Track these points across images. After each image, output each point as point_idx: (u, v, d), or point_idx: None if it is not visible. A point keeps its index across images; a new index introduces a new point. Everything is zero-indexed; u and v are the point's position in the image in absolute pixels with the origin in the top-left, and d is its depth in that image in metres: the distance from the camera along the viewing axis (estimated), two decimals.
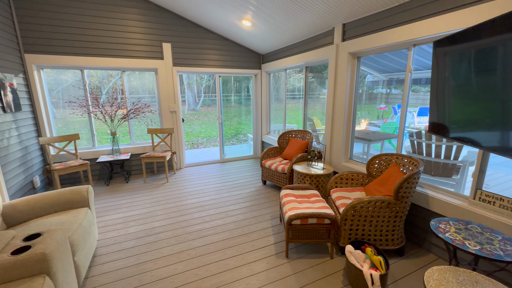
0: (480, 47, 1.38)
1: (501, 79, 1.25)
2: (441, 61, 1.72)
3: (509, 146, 1.23)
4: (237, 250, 2.24)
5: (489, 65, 1.33)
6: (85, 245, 1.91)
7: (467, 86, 1.49)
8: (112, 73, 4.43)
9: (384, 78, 6.27)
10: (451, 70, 1.62)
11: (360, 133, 3.90)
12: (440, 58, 1.73)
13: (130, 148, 4.21)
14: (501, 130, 1.27)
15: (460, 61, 1.54)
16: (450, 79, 1.63)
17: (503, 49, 1.23)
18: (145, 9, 3.90)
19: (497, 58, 1.27)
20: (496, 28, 1.26)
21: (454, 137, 1.64)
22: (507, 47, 1.21)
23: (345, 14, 2.68)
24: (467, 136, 1.52)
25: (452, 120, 1.65)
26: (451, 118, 1.66)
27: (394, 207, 1.97)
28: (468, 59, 1.47)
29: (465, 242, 1.42)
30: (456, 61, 1.57)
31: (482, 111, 1.39)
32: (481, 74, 1.38)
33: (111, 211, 3.00)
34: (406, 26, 2.19)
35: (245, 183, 3.93)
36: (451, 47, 1.61)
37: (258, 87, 5.18)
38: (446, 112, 1.71)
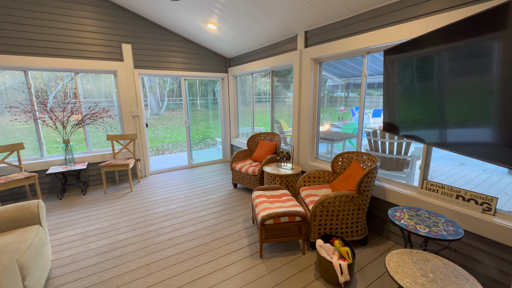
0: (420, 55, 1.59)
1: (437, 84, 1.47)
2: (390, 68, 1.94)
3: (447, 141, 1.44)
4: (211, 256, 2.20)
5: (427, 71, 1.54)
6: (38, 267, 1.69)
7: (412, 90, 1.71)
8: (61, 75, 4.03)
9: (342, 82, 6.78)
10: (398, 75, 1.84)
11: (324, 134, 4.16)
12: (389, 65, 1.95)
13: (87, 157, 3.86)
14: (440, 128, 1.48)
15: (405, 68, 1.75)
16: (398, 84, 1.85)
17: (437, 58, 1.44)
18: (101, 7, 3.64)
19: (434, 65, 1.48)
20: (431, 40, 1.48)
21: (403, 135, 1.86)
22: (441, 56, 1.42)
23: (306, 22, 2.85)
24: (414, 134, 1.74)
25: (401, 120, 1.87)
26: (400, 118, 1.88)
27: (357, 200, 2.14)
28: (411, 66, 1.68)
29: (416, 226, 1.61)
30: (402, 67, 1.79)
31: (424, 112, 1.60)
32: (422, 79, 1.60)
33: (66, 227, 2.71)
34: (360, 35, 2.41)
35: (216, 187, 3.88)
36: (397, 55, 1.83)
37: (225, 91, 5.17)
38: (396, 113, 1.93)
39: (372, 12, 2.30)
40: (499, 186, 3.46)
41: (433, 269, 1.31)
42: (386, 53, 1.97)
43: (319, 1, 2.38)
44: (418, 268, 1.33)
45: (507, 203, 2.90)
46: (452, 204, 1.91)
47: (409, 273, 1.29)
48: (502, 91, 1.09)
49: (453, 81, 1.36)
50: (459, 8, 1.74)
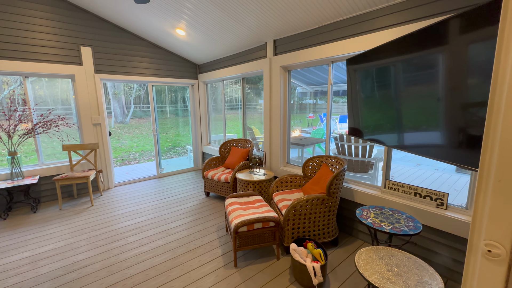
0: (376, 65, 1.73)
1: (394, 91, 1.60)
2: (352, 76, 2.08)
3: (404, 144, 1.57)
4: (182, 270, 2.08)
5: (384, 80, 1.68)
6: None
7: (372, 97, 1.84)
8: (8, 80, 3.61)
9: (310, 90, 7.08)
10: (360, 83, 1.97)
11: (295, 139, 4.28)
12: (351, 73, 2.08)
13: (38, 170, 3.45)
14: (398, 132, 1.61)
15: (365, 76, 1.89)
16: (360, 91, 1.99)
17: (392, 67, 1.58)
18: (57, 7, 3.36)
19: (389, 74, 1.62)
20: (385, 51, 1.62)
21: (367, 139, 1.99)
22: (395, 67, 1.56)
23: (275, 31, 2.94)
24: (376, 138, 1.87)
25: (364, 125, 2.00)
26: (363, 123, 2.01)
27: (328, 202, 2.21)
28: (370, 75, 1.82)
29: (381, 224, 1.71)
30: (363, 76, 1.93)
31: (383, 117, 1.73)
32: (381, 87, 1.73)
33: (11, 251, 2.37)
34: (326, 45, 2.55)
35: (187, 197, 3.73)
36: (357, 65, 1.97)
37: (195, 97, 5.07)
38: (359, 118, 2.06)
39: (336, 24, 2.45)
40: (449, 183, 3.85)
41: (397, 263, 1.39)
42: (348, 62, 2.10)
43: (286, 12, 2.48)
44: (384, 263, 1.40)
45: (456, 198, 3.24)
46: (411, 201, 2.07)
47: (376, 269, 1.35)
48: (447, 98, 1.23)
49: (407, 89, 1.49)
50: (411, 23, 1.94)
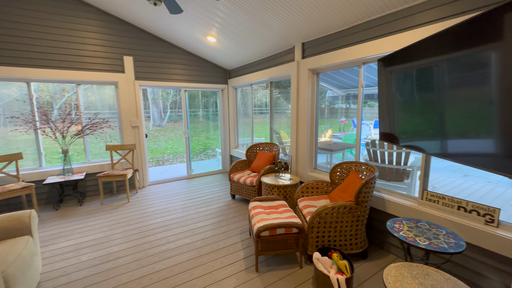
0: (418, 65, 1.59)
1: (437, 94, 1.44)
2: (385, 77, 1.94)
3: (448, 152, 1.40)
4: (205, 269, 2.13)
5: (426, 81, 1.52)
6: (25, 280, 1.64)
7: (411, 100, 1.67)
8: (67, 87, 4.10)
9: (342, 93, 6.82)
10: (397, 85, 1.82)
11: (323, 144, 4.13)
12: (384, 74, 1.95)
13: (85, 167, 3.85)
14: (441, 139, 1.44)
15: (404, 78, 1.73)
16: (396, 94, 1.83)
17: (436, 68, 1.43)
18: (104, 21, 3.76)
19: (432, 75, 1.47)
20: (429, 47, 1.48)
21: (404, 145, 1.81)
22: (440, 66, 1.40)
23: (303, 34, 2.90)
24: (414, 144, 1.69)
25: (401, 130, 1.82)
26: (400, 129, 1.84)
27: (356, 211, 2.09)
28: (410, 76, 1.67)
29: (416, 238, 1.55)
30: (400, 77, 1.78)
31: (424, 122, 1.56)
32: (422, 90, 1.56)
33: (60, 239, 2.66)
34: (356, 46, 2.44)
35: (214, 198, 3.82)
36: (392, 64, 1.83)
37: (225, 102, 5.22)
38: (395, 123, 1.89)
39: (367, 23, 2.34)
40: (504, 197, 3.36)
41: (433, 284, 1.25)
42: (381, 62, 1.98)
43: (315, 14, 2.43)
44: (417, 283, 1.26)
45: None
46: (454, 216, 1.85)
47: None
48: (503, 101, 1.07)
49: (452, 91, 1.34)
50: (455, 17, 1.76)
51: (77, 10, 3.55)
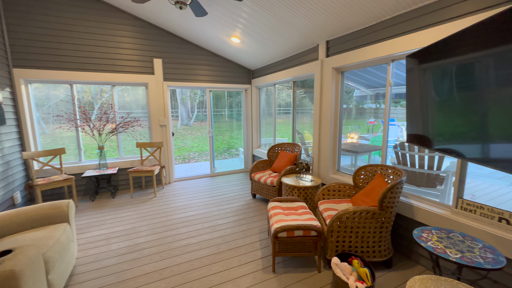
0: (458, 61, 1.46)
1: (479, 93, 1.29)
2: (420, 75, 1.80)
3: (490, 157, 1.25)
4: (223, 266, 2.17)
5: (468, 78, 1.36)
6: (62, 263, 1.82)
7: (449, 100, 1.51)
8: (105, 89, 4.45)
9: (370, 92, 6.49)
10: (432, 83, 1.66)
11: (348, 146, 3.97)
12: (419, 72, 1.81)
13: (118, 163, 4.15)
14: (483, 143, 1.29)
15: (441, 74, 1.56)
16: (431, 92, 1.66)
17: (480, 63, 1.29)
18: (137, 26, 4.01)
19: (475, 71, 1.33)
20: (472, 39, 1.34)
21: (439, 149, 1.65)
22: (484, 61, 1.25)
23: (328, 32, 2.81)
24: (452, 148, 1.52)
25: (437, 132, 1.65)
26: (435, 130, 1.67)
27: (380, 217, 1.97)
28: (449, 72, 1.51)
29: (446, 250, 1.42)
30: (436, 74, 1.62)
31: (465, 124, 1.40)
32: (462, 88, 1.40)
33: (94, 228, 2.90)
34: (384, 42, 2.31)
35: (235, 196, 3.88)
36: (428, 62, 1.70)
37: (248, 102, 5.26)
38: (429, 124, 1.72)
39: (396, 18, 2.20)
40: None
41: None
42: (410, 58, 1.84)
43: (341, 11, 2.35)
44: None
45: None
46: (493, 228, 1.66)
47: None
48: None
49: (500, 90, 1.18)
50: (496, 8, 1.58)
51: (114, 17, 3.83)
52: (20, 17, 3.34)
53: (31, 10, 3.38)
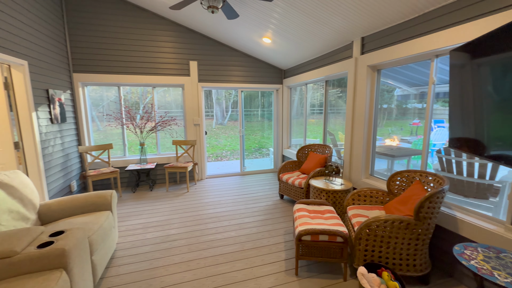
0: None
1: None
2: (473, 71, 1.60)
3: None
4: (246, 264, 2.21)
5: None
6: (104, 246, 2.04)
7: None
8: (149, 90, 4.85)
9: (414, 91, 5.93)
10: (491, 81, 1.41)
11: (384, 149, 3.68)
12: (472, 67, 1.61)
13: (156, 158, 4.49)
14: None
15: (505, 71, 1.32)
16: (490, 92, 1.42)
17: None
18: (176, 31, 4.28)
19: None
20: None
21: (494, 156, 1.41)
22: None
23: (363, 28, 2.66)
24: None
25: (495, 136, 1.41)
26: (492, 134, 1.42)
27: (415, 228, 1.81)
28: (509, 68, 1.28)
29: (493, 272, 1.24)
30: (498, 70, 1.37)
31: None
32: None
33: (133, 217, 3.18)
34: (427, 36, 2.10)
35: (263, 196, 3.91)
36: (483, 57, 1.50)
37: (279, 101, 5.24)
38: (484, 128, 1.48)
39: (442, 9, 1.98)
40: None
41: None
42: (458, 52, 1.65)
43: (378, 5, 2.20)
44: None
45: None
46: None
47: None
48: None
49: None
50: None
51: (156, 23, 4.15)
52: (81, 28, 3.82)
53: (90, 21, 3.84)
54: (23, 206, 1.95)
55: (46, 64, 3.14)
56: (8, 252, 1.36)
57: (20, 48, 2.63)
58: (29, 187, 2.09)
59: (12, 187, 1.91)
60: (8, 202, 1.83)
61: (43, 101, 3.05)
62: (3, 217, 1.75)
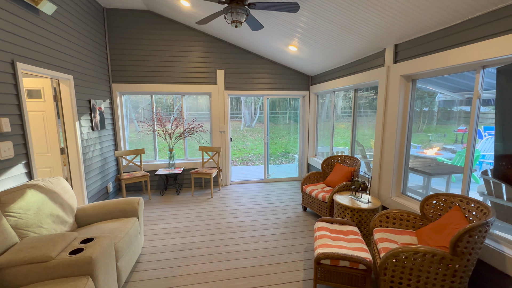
0: None
1: None
2: None
3: None
4: (263, 281, 2.17)
5: None
6: (129, 252, 2.17)
7: None
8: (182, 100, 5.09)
9: (459, 97, 5.34)
10: None
11: (418, 164, 3.33)
12: None
13: (183, 163, 4.67)
14: None
15: None
16: None
17: None
18: (204, 41, 4.42)
19: None
20: None
21: None
22: None
23: (397, 35, 2.46)
24: None
25: None
26: None
27: (451, 264, 1.60)
28: None
29: None
30: None
31: None
32: None
33: (160, 221, 3.35)
34: (471, 45, 1.86)
35: (285, 207, 3.83)
36: None
37: (305, 109, 5.11)
38: None
39: (489, 15, 1.73)
40: None
41: None
42: None
43: (413, 12, 2.01)
44: None
45: None
46: None
47: None
48: None
49: None
50: None
51: (186, 35, 4.33)
52: (120, 42, 4.15)
53: (128, 36, 4.16)
54: (62, 210, 2.16)
55: (89, 77, 3.46)
56: (45, 257, 1.51)
57: (67, 64, 2.94)
58: (69, 193, 2.31)
59: (54, 193, 2.13)
60: (50, 207, 2.04)
61: (86, 110, 3.36)
62: (46, 220, 1.96)
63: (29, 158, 2.31)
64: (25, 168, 2.28)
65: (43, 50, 2.53)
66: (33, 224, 1.82)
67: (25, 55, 2.28)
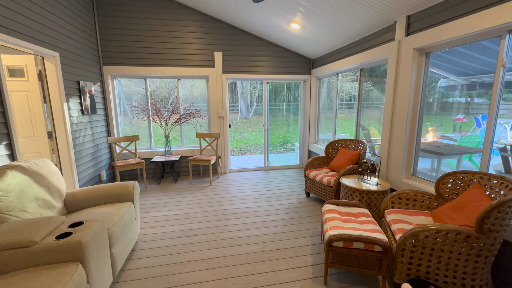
0: None
1: None
2: None
3: None
4: (269, 266, 2.03)
5: None
6: (124, 238, 2.00)
7: None
8: (177, 85, 4.85)
9: (462, 82, 5.22)
10: None
11: (429, 146, 3.22)
12: None
13: (180, 151, 4.48)
14: None
15: None
16: None
17: None
18: (201, 20, 4.17)
19: None
20: None
21: None
22: None
23: (410, 4, 2.28)
24: None
25: None
26: None
27: (476, 242, 1.48)
28: None
29: None
30: None
31: None
32: None
33: (156, 209, 3.18)
34: (495, 8, 1.69)
35: (287, 193, 3.70)
36: None
37: (307, 93, 4.93)
38: None
39: None
40: None
41: None
42: None
43: None
44: None
45: None
46: None
47: None
48: None
49: None
50: None
51: (181, 13, 4.07)
52: (110, 21, 3.87)
53: (119, 14, 3.88)
54: (50, 194, 1.97)
55: (77, 56, 3.21)
56: (27, 242, 1.33)
57: (51, 39, 2.69)
58: (56, 176, 2.11)
59: (40, 175, 1.94)
60: (35, 190, 1.85)
61: (74, 92, 3.13)
62: (31, 204, 1.77)
63: (11, 139, 2.10)
64: (7, 149, 2.07)
65: (23, 21, 2.29)
66: (15, 207, 1.63)
67: (1, 24, 2.04)
